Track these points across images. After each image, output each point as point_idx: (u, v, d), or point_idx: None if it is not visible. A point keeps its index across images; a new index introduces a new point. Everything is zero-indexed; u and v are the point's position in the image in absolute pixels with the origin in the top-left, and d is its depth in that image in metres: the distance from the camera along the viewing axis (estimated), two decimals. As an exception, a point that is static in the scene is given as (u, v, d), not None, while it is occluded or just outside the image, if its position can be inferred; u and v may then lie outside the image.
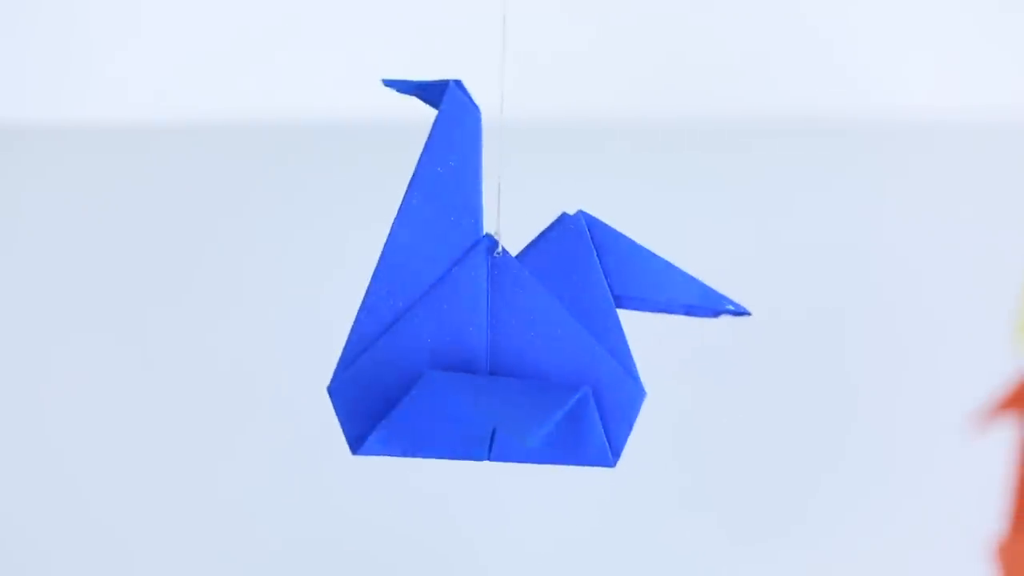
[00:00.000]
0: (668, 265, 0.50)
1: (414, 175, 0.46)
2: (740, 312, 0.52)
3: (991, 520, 0.91)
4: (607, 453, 0.48)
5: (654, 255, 0.49)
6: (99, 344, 1.07)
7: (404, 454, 0.47)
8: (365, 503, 1.08)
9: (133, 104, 1.07)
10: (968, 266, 1.09)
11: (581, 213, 0.48)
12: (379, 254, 0.47)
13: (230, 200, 1.08)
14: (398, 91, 0.47)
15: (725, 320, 1.14)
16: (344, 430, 0.47)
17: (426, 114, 0.49)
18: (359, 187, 1.08)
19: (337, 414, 0.47)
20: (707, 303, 0.51)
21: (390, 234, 0.46)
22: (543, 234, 0.48)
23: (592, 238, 0.48)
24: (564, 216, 0.49)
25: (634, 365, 0.49)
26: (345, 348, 0.47)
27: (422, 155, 0.46)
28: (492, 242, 0.47)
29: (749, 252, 1.09)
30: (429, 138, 0.46)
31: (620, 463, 1.14)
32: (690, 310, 0.51)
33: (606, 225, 0.49)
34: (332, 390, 0.47)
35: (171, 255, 1.08)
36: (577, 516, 1.09)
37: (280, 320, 1.08)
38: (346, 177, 1.08)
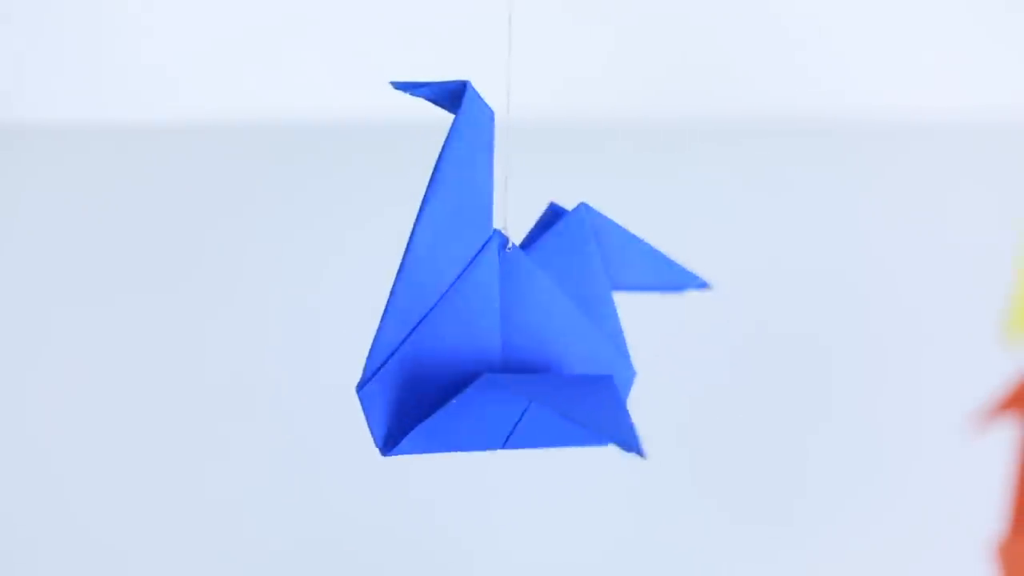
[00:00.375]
0: (652, 249, 0.52)
1: (435, 177, 0.47)
2: (703, 287, 0.54)
3: (991, 520, 0.91)
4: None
5: (641, 241, 0.52)
6: (99, 344, 1.07)
7: (429, 451, 0.48)
8: (361, 504, 1.08)
9: (133, 104, 1.07)
10: (968, 265, 1.10)
11: (583, 205, 0.50)
12: (398, 255, 0.48)
13: (230, 200, 1.08)
14: (410, 94, 0.47)
15: (726, 321, 1.14)
16: (373, 432, 0.47)
17: (426, 114, 0.49)
18: (359, 187, 1.08)
19: (366, 416, 0.47)
20: (682, 281, 0.54)
21: (413, 236, 0.47)
22: (549, 227, 0.50)
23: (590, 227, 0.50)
24: (554, 206, 0.50)
25: (626, 347, 0.51)
26: (372, 350, 0.47)
27: (443, 157, 0.47)
28: (503, 238, 0.48)
29: (750, 251, 1.09)
30: (449, 140, 0.47)
31: (620, 462, 1.14)
32: (662, 288, 0.53)
33: (601, 214, 0.51)
34: (362, 392, 0.47)
35: (171, 255, 1.08)
36: (573, 516, 1.09)
37: (282, 320, 1.08)
38: (345, 177, 1.08)
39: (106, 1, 1.05)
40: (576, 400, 0.48)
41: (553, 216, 0.50)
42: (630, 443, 0.46)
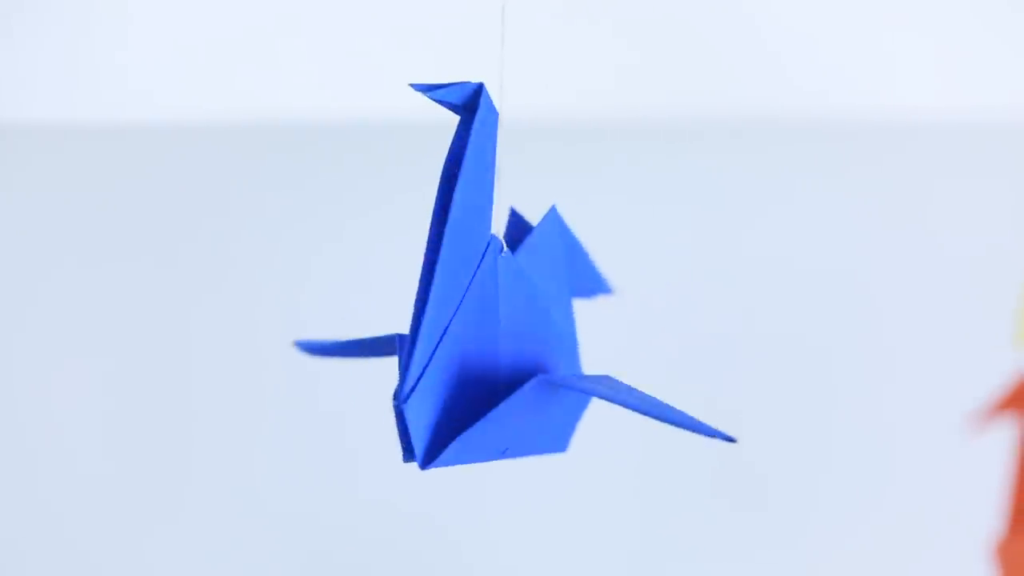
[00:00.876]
0: (587, 256, 0.53)
1: (459, 180, 0.46)
2: (608, 292, 0.54)
3: (991, 520, 0.91)
4: (568, 439, 0.51)
5: (583, 249, 0.53)
6: (98, 344, 1.07)
7: (467, 462, 0.47)
8: (354, 507, 1.08)
9: (133, 104, 1.07)
10: (968, 265, 1.10)
11: (554, 208, 0.50)
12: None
13: (227, 200, 1.08)
14: (429, 96, 0.46)
15: (725, 320, 1.13)
16: (414, 445, 0.46)
17: (420, 114, 0.49)
18: (353, 187, 1.08)
19: (410, 430, 0.46)
20: (600, 287, 0.54)
21: (444, 240, 0.46)
22: (516, 231, 0.50)
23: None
24: (514, 212, 0.51)
25: (577, 346, 0.51)
26: (411, 363, 0.46)
27: (465, 160, 0.46)
28: (499, 243, 0.48)
29: (749, 251, 1.09)
30: (469, 142, 0.46)
31: (618, 463, 1.14)
32: (582, 294, 0.54)
33: (563, 220, 0.51)
34: (405, 406, 0.46)
35: (166, 255, 1.08)
36: (568, 519, 1.09)
37: (276, 321, 1.08)
38: (340, 177, 1.08)
39: (106, 1, 1.05)
40: (640, 398, 0.48)
41: (516, 221, 0.50)
42: (713, 432, 0.46)
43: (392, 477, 1.06)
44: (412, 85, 0.46)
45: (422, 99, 0.47)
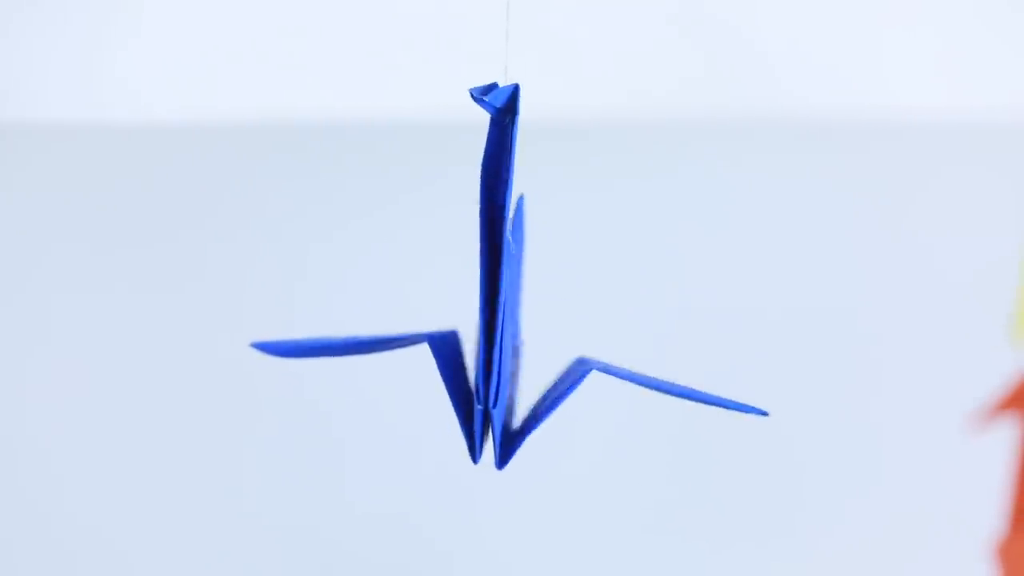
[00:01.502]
0: None
1: (508, 180, 0.46)
2: None
3: (991, 520, 0.91)
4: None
5: None
6: (98, 345, 1.07)
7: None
8: (344, 510, 1.08)
9: (134, 104, 1.07)
10: (968, 265, 1.10)
11: (522, 197, 0.51)
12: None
13: (232, 201, 1.08)
14: (483, 99, 0.46)
15: (724, 319, 1.13)
16: (495, 448, 0.46)
17: (425, 114, 0.49)
18: (351, 187, 1.08)
19: (495, 433, 0.46)
20: None
21: (504, 245, 0.46)
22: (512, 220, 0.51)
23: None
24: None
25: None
26: (493, 366, 0.46)
27: (510, 159, 0.46)
28: (507, 238, 0.48)
29: (749, 251, 1.10)
30: (512, 142, 0.46)
31: (620, 463, 1.14)
32: None
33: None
34: (493, 411, 0.46)
35: (172, 255, 1.08)
36: (559, 524, 1.09)
37: (273, 321, 1.08)
38: (345, 177, 1.08)
39: (108, 0, 1.05)
40: (672, 384, 0.49)
41: None
42: (746, 408, 0.47)
43: (383, 479, 1.06)
44: (471, 91, 0.46)
45: (424, 99, 0.47)
